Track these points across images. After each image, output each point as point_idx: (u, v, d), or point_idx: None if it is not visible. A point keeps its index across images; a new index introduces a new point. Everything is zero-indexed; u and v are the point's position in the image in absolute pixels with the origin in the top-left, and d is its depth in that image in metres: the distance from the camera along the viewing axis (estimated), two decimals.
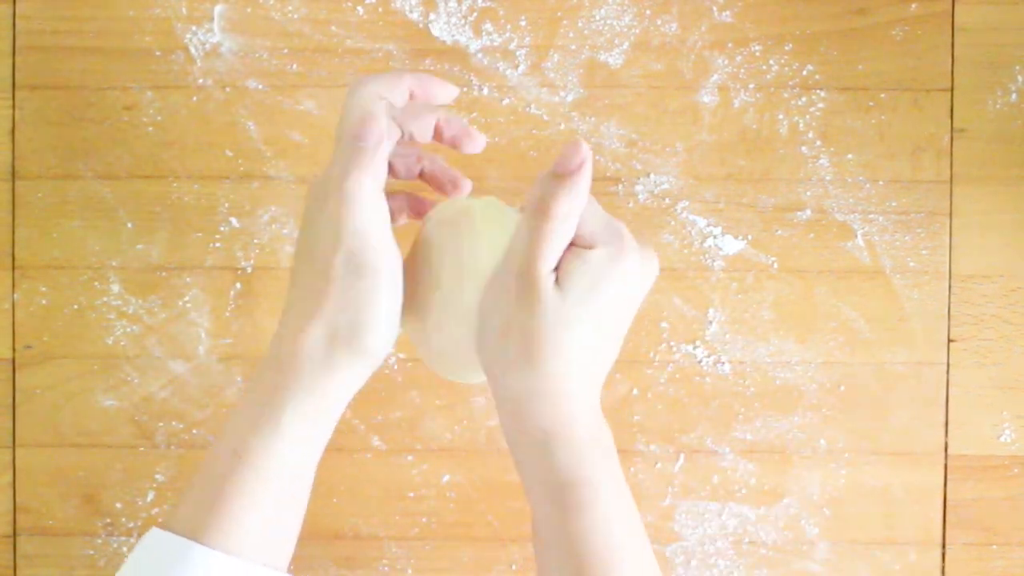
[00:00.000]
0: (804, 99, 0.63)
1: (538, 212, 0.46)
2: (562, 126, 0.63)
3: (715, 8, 0.63)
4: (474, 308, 0.49)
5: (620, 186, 0.63)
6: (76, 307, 0.64)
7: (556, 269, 0.47)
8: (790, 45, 0.63)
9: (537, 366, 0.46)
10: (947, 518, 0.64)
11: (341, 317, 0.47)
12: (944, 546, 0.64)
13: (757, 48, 0.63)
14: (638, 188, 0.63)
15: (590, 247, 0.47)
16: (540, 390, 0.47)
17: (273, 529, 0.48)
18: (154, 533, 0.47)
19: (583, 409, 0.48)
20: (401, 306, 0.49)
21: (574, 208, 0.46)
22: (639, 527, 0.48)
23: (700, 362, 0.64)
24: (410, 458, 0.64)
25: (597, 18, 0.63)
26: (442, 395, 0.64)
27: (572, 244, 0.47)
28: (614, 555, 0.46)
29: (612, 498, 0.47)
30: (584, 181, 0.46)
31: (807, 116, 0.63)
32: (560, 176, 0.46)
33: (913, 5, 0.63)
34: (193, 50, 0.63)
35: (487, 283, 0.48)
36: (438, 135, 0.53)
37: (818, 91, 0.63)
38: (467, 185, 0.56)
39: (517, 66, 0.63)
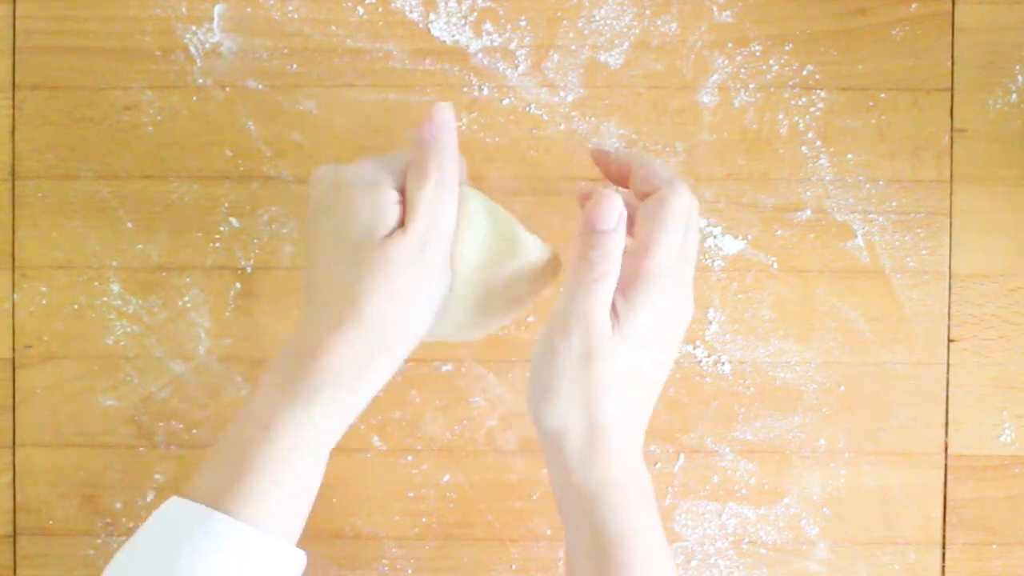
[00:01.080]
0: (804, 99, 0.63)
1: (590, 273, 0.47)
2: (562, 126, 0.63)
3: (715, 8, 0.63)
4: (461, 296, 0.50)
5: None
6: (76, 307, 0.64)
7: (612, 306, 0.48)
8: (790, 45, 0.63)
9: (593, 417, 0.48)
10: (947, 518, 0.64)
11: (391, 301, 0.48)
12: (944, 546, 0.64)
13: (757, 48, 0.63)
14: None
15: (654, 279, 0.48)
16: (594, 443, 0.48)
17: (290, 506, 0.48)
18: (173, 501, 0.47)
19: (632, 461, 0.49)
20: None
21: (619, 259, 0.48)
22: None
23: (700, 362, 0.64)
24: (410, 458, 0.64)
25: (597, 18, 0.63)
26: (442, 395, 0.64)
27: (639, 268, 0.48)
28: None
29: (652, 556, 0.48)
30: (623, 233, 0.48)
31: (807, 116, 0.63)
32: (604, 232, 0.47)
33: (913, 5, 0.63)
34: (193, 50, 0.63)
35: (537, 346, 0.49)
36: None
37: (818, 91, 0.63)
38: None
39: (517, 66, 0.63)
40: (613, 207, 0.47)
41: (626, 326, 0.47)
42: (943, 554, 0.64)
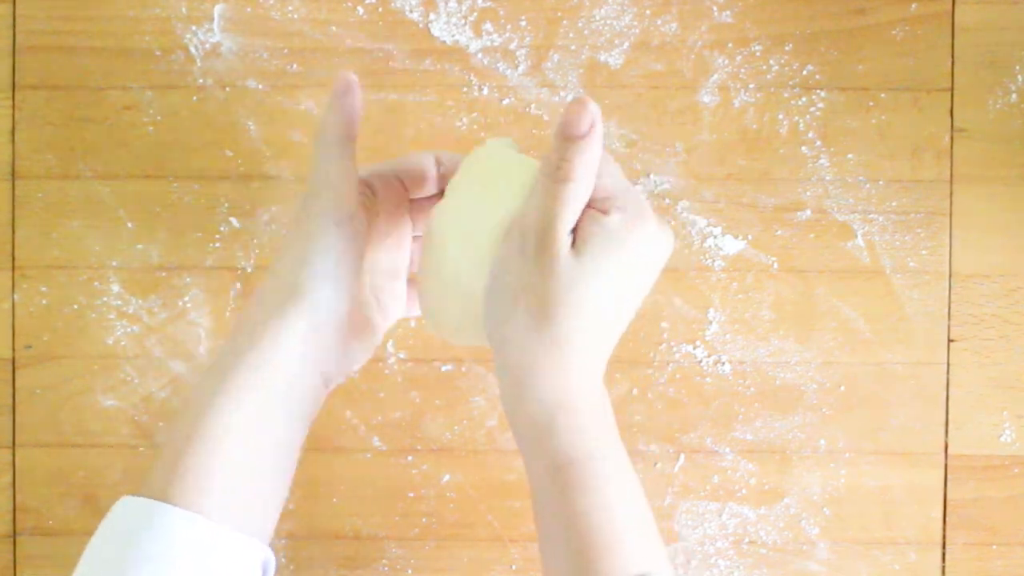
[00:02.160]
0: (804, 99, 0.63)
1: (554, 175, 0.45)
2: None
3: (715, 8, 0.63)
4: (467, 272, 0.48)
5: None
6: (76, 307, 0.64)
7: (573, 231, 0.46)
8: (790, 45, 0.63)
9: (547, 330, 0.45)
10: (947, 518, 0.64)
11: (287, 260, 0.48)
12: (944, 546, 0.64)
13: (757, 48, 0.63)
14: (638, 188, 0.63)
15: (607, 211, 0.46)
16: (547, 357, 0.46)
17: (241, 493, 0.46)
18: (123, 500, 0.46)
19: (589, 382, 0.47)
20: (359, 264, 0.49)
21: (589, 169, 0.45)
22: (642, 503, 0.47)
23: (700, 362, 0.64)
24: (410, 458, 0.64)
25: (597, 18, 0.63)
26: (442, 395, 0.64)
27: (589, 207, 0.46)
28: (617, 534, 0.45)
29: (614, 476, 0.46)
30: (596, 142, 0.45)
31: (807, 116, 0.63)
32: (571, 139, 0.44)
33: (913, 5, 0.63)
34: (193, 50, 0.63)
35: (500, 242, 0.47)
36: None
37: (818, 91, 0.63)
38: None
39: (517, 66, 0.63)
40: (585, 113, 0.44)
41: (582, 248, 0.45)
42: (943, 554, 0.64)
